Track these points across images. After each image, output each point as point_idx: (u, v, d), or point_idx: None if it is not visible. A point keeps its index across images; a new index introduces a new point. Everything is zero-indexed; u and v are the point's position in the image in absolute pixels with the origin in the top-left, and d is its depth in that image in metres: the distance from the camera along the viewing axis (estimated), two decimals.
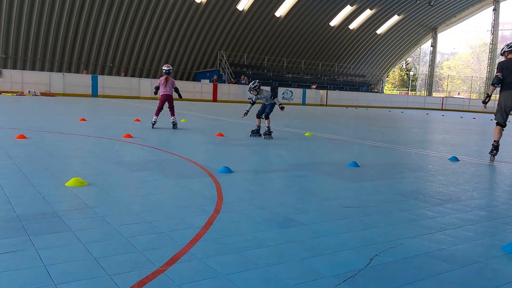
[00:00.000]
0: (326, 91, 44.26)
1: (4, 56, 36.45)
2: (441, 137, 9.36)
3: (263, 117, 10.64)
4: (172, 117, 11.72)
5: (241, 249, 2.99)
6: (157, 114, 11.60)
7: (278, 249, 3.05)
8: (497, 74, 8.30)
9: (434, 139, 12.22)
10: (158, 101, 11.93)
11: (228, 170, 5.78)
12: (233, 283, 2.46)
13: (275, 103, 10.77)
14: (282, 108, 10.67)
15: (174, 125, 11.64)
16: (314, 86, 45.04)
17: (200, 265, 2.69)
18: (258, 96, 10.83)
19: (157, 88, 11.90)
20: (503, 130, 8.28)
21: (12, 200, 3.92)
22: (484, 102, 8.51)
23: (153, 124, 11.42)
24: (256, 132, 10.78)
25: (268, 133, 10.54)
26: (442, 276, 2.73)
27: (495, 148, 8.25)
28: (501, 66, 8.28)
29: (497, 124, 8.30)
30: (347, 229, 3.60)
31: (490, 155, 8.33)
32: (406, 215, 4.14)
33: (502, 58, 8.39)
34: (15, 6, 34.47)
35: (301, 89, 42.63)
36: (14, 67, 36.55)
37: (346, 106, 41.13)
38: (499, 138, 8.27)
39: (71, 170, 5.49)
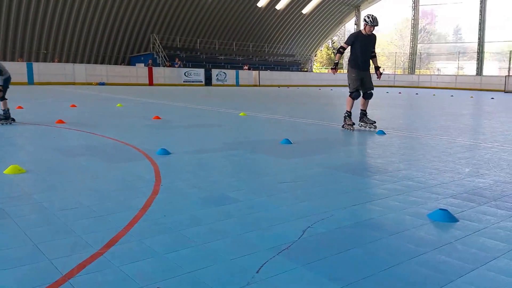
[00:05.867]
0: (258, 71, 44.29)
1: None
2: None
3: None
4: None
5: (179, 228, 3.06)
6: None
7: (215, 226, 3.14)
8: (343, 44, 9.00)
9: None
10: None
11: (166, 152, 5.81)
12: (171, 261, 2.52)
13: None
14: None
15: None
16: (246, 67, 45.01)
17: (138, 246, 2.74)
18: None
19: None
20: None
21: None
22: (333, 69, 9.25)
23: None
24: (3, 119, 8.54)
25: (5, 118, 8.55)
26: (372, 244, 2.86)
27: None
28: (355, 38, 8.79)
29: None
30: (281, 203, 3.73)
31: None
32: (337, 188, 4.34)
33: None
34: None
35: (234, 71, 42.49)
36: None
37: (279, 86, 41.45)
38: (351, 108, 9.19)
39: (8, 157, 5.45)
